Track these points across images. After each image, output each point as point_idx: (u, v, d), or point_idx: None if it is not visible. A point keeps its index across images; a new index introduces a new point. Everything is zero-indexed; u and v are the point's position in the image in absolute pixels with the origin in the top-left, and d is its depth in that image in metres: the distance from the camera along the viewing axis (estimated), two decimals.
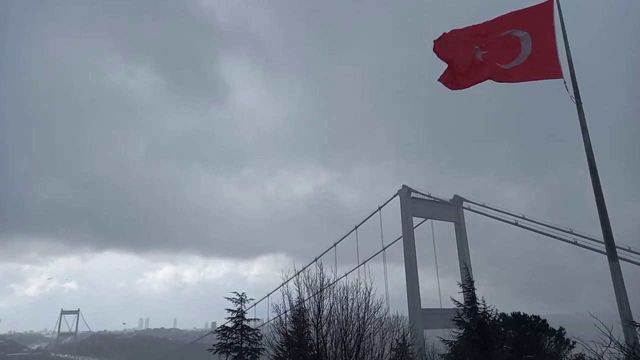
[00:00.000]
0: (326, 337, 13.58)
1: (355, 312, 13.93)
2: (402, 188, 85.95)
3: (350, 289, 14.40)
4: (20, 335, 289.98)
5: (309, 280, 14.54)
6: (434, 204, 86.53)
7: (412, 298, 78.11)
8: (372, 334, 13.96)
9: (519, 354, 30.73)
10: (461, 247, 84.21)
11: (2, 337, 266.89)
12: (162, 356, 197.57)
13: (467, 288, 42.45)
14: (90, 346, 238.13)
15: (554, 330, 39.27)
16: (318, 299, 14.01)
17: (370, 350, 14.01)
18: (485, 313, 40.24)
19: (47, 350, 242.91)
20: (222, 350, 35.22)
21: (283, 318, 15.71)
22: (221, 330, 36.43)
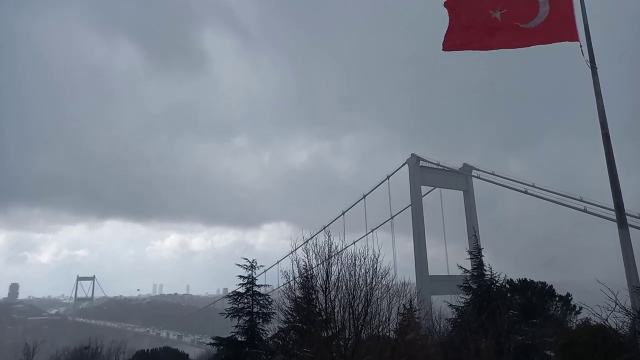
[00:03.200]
0: (334, 302, 13.86)
1: (362, 278, 14.13)
2: (411, 157, 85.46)
3: (358, 255, 14.56)
4: (39, 300, 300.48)
5: (317, 247, 14.68)
6: (443, 173, 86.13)
7: (419, 264, 79.08)
8: (379, 299, 14.21)
9: (525, 319, 31.18)
10: (469, 215, 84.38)
11: (22, 302, 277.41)
12: (176, 320, 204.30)
13: (475, 255, 42.73)
14: (106, 311, 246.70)
15: (561, 296, 39.66)
16: (326, 266, 14.19)
17: (377, 314, 14.27)
18: (492, 279, 40.65)
19: (65, 315, 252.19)
20: (234, 314, 36.10)
21: (292, 284, 15.98)
22: (233, 295, 37.21)
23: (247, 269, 36.93)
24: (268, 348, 32.84)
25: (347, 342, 13.36)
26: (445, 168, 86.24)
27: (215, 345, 37.69)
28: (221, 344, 36.53)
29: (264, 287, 38.17)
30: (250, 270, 36.96)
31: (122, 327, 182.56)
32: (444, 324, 34.98)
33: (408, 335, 18.07)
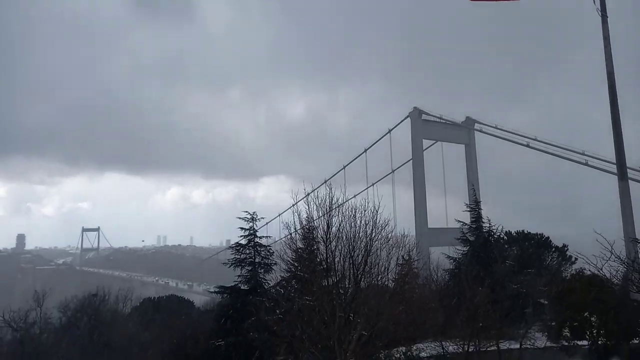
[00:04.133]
0: (335, 252, 14.11)
1: (362, 230, 14.31)
2: (413, 110, 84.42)
3: (359, 208, 14.66)
4: (45, 250, 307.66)
5: (319, 200, 14.77)
6: (445, 126, 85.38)
7: (419, 217, 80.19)
8: (379, 249, 14.45)
9: (521, 270, 31.97)
10: (470, 169, 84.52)
11: (30, 252, 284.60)
12: (181, 270, 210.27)
13: (474, 208, 43.20)
14: (112, 261, 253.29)
15: (557, 247, 40.45)
16: (327, 218, 14.35)
17: (376, 264, 14.59)
18: (490, 231, 41.32)
19: (72, 264, 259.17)
20: (237, 264, 37.02)
21: (294, 235, 16.23)
22: (235, 246, 37.97)
23: (249, 221, 37.57)
24: (270, 296, 33.98)
25: (347, 290, 13.73)
26: (447, 121, 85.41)
27: (219, 294, 39.00)
28: (225, 292, 37.73)
29: (265, 239, 38.99)
30: (251, 223, 37.62)
31: (129, 276, 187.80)
32: (441, 274, 35.93)
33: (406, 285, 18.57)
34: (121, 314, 42.50)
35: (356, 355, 13.11)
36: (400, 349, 20.62)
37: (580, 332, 18.57)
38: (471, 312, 14.77)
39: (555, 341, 19.33)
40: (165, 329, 33.61)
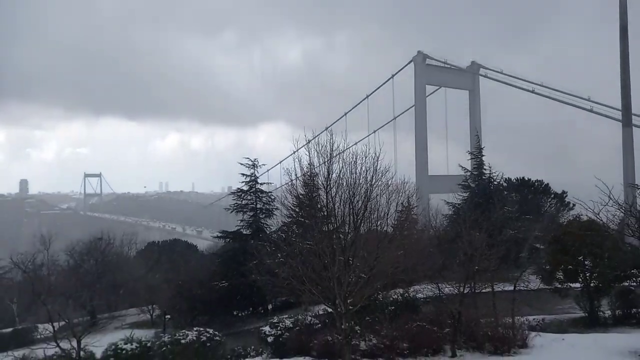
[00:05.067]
0: (335, 198, 14.17)
1: (363, 176, 14.28)
2: (417, 54, 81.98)
3: (359, 154, 14.55)
4: (49, 195, 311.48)
5: (320, 146, 14.63)
6: (449, 72, 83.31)
7: (420, 164, 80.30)
8: (378, 195, 14.51)
9: (519, 215, 32.43)
10: (473, 115, 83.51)
11: (33, 197, 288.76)
12: (184, 215, 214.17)
13: (476, 155, 43.13)
14: (116, 206, 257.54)
15: (556, 193, 40.82)
16: (328, 164, 14.28)
17: (376, 210, 14.71)
18: (491, 178, 41.54)
19: (76, 209, 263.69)
20: (239, 210, 37.65)
21: (295, 182, 16.24)
22: (236, 192, 38.43)
23: (250, 167, 37.76)
24: (271, 241, 34.77)
25: (346, 235, 13.94)
26: (452, 66, 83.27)
27: (222, 238, 39.94)
28: (227, 236, 38.65)
29: (266, 185, 39.36)
30: (252, 169, 37.83)
31: (135, 222, 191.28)
32: (440, 219, 36.54)
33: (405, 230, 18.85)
34: (127, 257, 43.76)
35: (355, 296, 13.58)
36: (398, 291, 21.36)
37: (573, 275, 19.16)
38: (468, 256, 15.11)
39: (549, 284, 20.01)
40: (170, 271, 34.73)
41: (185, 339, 16.73)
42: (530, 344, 14.66)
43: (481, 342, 14.56)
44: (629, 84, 36.87)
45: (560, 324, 19.54)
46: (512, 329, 14.94)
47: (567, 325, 19.25)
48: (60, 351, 15.95)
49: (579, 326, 18.90)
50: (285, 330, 17.90)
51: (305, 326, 17.86)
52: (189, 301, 31.01)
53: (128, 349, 16.06)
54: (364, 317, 17.62)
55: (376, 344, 14.48)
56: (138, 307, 37.11)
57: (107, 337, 17.52)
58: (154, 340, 17.45)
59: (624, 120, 37.67)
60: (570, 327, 18.83)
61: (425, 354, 14.31)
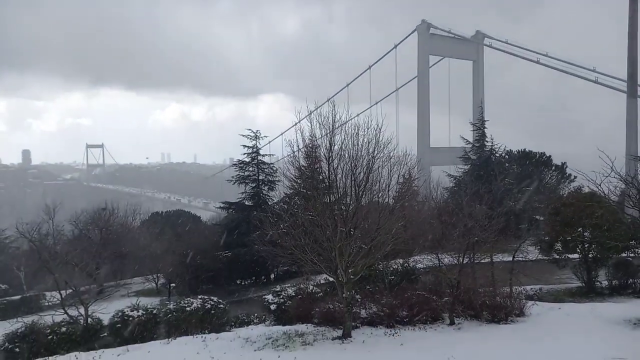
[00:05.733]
0: (337, 170, 14.19)
1: (365, 148, 14.26)
2: (421, 23, 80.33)
3: (362, 126, 14.47)
4: (52, 166, 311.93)
5: (322, 118, 14.54)
6: (453, 41, 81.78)
7: (421, 136, 79.96)
8: (380, 167, 14.53)
9: (520, 187, 32.56)
10: (477, 87, 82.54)
11: (36, 167, 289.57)
12: (186, 186, 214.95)
13: (478, 127, 42.92)
14: (118, 177, 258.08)
15: (557, 165, 40.81)
16: (330, 136, 14.23)
17: (378, 182, 14.75)
18: (492, 150, 41.48)
19: (79, 180, 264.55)
20: (241, 181, 37.83)
21: (297, 154, 16.21)
22: (238, 164, 38.51)
23: (252, 139, 37.68)
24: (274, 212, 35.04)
25: (348, 206, 14.05)
26: (456, 36, 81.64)
27: (225, 209, 40.29)
28: (230, 207, 38.99)
29: (268, 157, 39.37)
30: (254, 141, 37.76)
31: (139, 192, 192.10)
32: (441, 191, 36.72)
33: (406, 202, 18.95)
34: (131, 227, 44.25)
35: (355, 265, 13.83)
36: (398, 261, 21.71)
37: (572, 246, 19.40)
38: (467, 228, 15.27)
39: (547, 255, 20.28)
40: (174, 241, 35.23)
41: (190, 307, 17.14)
42: (527, 313, 14.99)
43: (479, 311, 14.89)
44: (636, 52, 36.08)
45: (557, 294, 19.93)
46: (509, 298, 15.24)
47: (564, 295, 19.64)
48: (69, 318, 16.38)
49: (575, 296, 19.28)
50: (287, 298, 18.32)
51: (307, 295, 18.27)
52: (193, 270, 31.60)
53: (135, 315, 16.47)
54: (365, 286, 18.00)
55: (376, 312, 14.82)
56: (143, 276, 37.85)
57: (114, 305, 17.96)
58: (160, 307, 17.86)
59: (628, 91, 37.07)
60: (567, 297, 19.22)
61: (424, 321, 14.66)
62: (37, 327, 15.85)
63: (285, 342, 13.21)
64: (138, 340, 15.64)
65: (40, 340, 15.48)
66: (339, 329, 14.10)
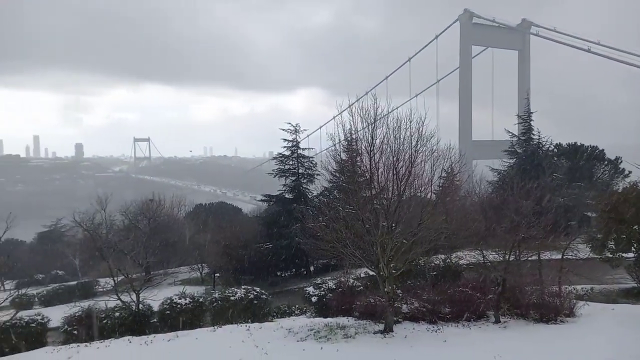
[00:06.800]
0: (378, 163, 14.13)
1: (407, 141, 14.10)
2: (464, 12, 78.02)
3: (404, 119, 14.31)
4: (102, 159, 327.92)
5: (363, 111, 14.49)
6: (497, 31, 78.93)
7: (463, 129, 77.96)
8: (423, 161, 14.33)
9: (570, 182, 31.18)
10: (522, 77, 79.45)
11: (89, 160, 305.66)
12: (228, 178, 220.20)
13: (524, 119, 41.37)
14: (163, 169, 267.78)
15: (610, 160, 38.77)
16: (371, 129, 14.18)
17: (420, 176, 14.57)
18: (540, 144, 39.88)
19: (128, 172, 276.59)
20: (281, 174, 38.31)
21: (337, 147, 16.26)
22: (279, 157, 39.00)
23: (291, 132, 38.05)
24: (313, 205, 35.36)
25: (389, 200, 13.97)
26: (501, 25, 78.81)
27: (266, 202, 41.01)
28: (271, 200, 39.63)
29: (307, 150, 39.65)
30: (294, 134, 38.12)
31: (185, 185, 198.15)
32: (484, 186, 35.72)
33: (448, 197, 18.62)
34: (176, 218, 45.90)
35: (397, 260, 13.78)
36: (440, 257, 21.41)
37: (627, 245, 18.44)
38: (514, 224, 14.83)
39: (599, 253, 19.37)
40: (217, 232, 36.25)
41: (234, 296, 17.66)
42: (577, 313, 14.46)
43: (526, 310, 14.50)
44: None
45: (610, 294, 19.04)
46: (558, 297, 14.74)
47: (617, 295, 18.74)
48: (121, 303, 17.27)
49: (630, 297, 18.36)
50: (328, 291, 18.51)
51: (347, 288, 18.38)
52: (235, 261, 32.43)
53: (182, 303, 17.17)
54: (406, 281, 17.91)
55: (418, 307, 14.73)
56: (188, 265, 39.22)
57: (162, 292, 18.71)
58: (205, 296, 18.52)
59: None
60: (620, 298, 18.34)
61: (467, 319, 14.43)
62: (93, 312, 16.82)
63: (327, 334, 13.37)
64: (186, 327, 16.31)
65: (95, 324, 16.43)
66: (380, 323, 14.13)
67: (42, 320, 16.78)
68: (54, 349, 14.01)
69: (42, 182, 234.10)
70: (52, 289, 33.12)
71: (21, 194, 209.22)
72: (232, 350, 12.20)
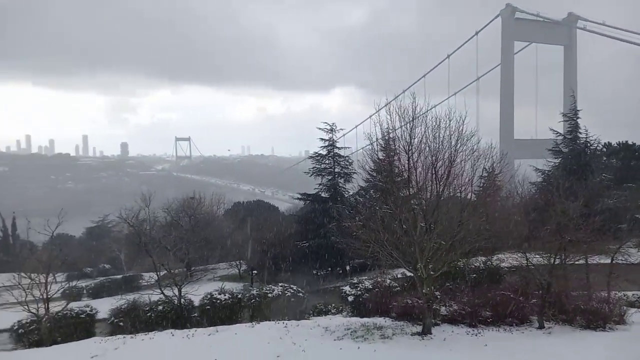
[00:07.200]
0: (417, 163, 13.96)
1: (447, 140, 13.85)
2: (506, 7, 75.59)
3: (443, 118, 14.07)
4: (146, 157, 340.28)
5: (401, 109, 14.35)
6: (542, 25, 75.98)
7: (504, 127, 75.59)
8: (463, 160, 14.04)
9: (620, 183, 29.63)
10: (568, 74, 76.16)
11: (133, 159, 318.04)
12: (265, 177, 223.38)
13: (570, 117, 39.69)
14: (203, 168, 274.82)
15: None
16: (410, 128, 14.02)
17: (460, 176, 14.28)
18: (587, 142, 38.14)
19: (169, 170, 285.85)
20: (317, 173, 38.50)
21: (375, 146, 16.19)
22: (315, 156, 39.22)
23: (328, 132, 38.15)
24: (350, 204, 35.33)
25: (427, 201, 13.78)
26: (545, 19, 75.88)
27: (302, 200, 41.33)
28: (307, 199, 39.90)
29: (344, 150, 39.62)
30: (330, 133, 38.20)
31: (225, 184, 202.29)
32: (527, 187, 34.51)
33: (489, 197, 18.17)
34: (216, 215, 46.98)
35: (436, 261, 13.56)
36: (480, 259, 20.89)
37: None
38: (560, 226, 14.27)
39: None
40: (255, 230, 36.87)
41: (272, 294, 17.95)
42: (628, 321, 13.77)
43: (572, 315, 13.94)
44: None
45: None
46: (607, 304, 14.08)
47: None
48: (164, 297, 17.90)
49: None
50: (364, 290, 18.48)
51: (384, 288, 18.27)
52: (272, 258, 32.88)
53: (222, 299, 17.62)
54: (444, 283, 17.60)
55: (457, 310, 14.46)
56: (227, 262, 40.08)
57: (203, 288, 19.24)
58: (244, 292, 18.90)
59: None
60: None
61: (509, 323, 14.03)
62: (137, 305, 17.52)
63: (364, 334, 13.36)
64: (225, 322, 16.71)
65: (140, 317, 17.11)
66: (417, 325, 13.97)
67: (90, 312, 17.65)
68: (101, 340, 14.69)
69: (90, 180, 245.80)
70: (99, 281, 34.69)
71: (71, 191, 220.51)
72: (270, 346, 12.40)
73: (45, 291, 16.47)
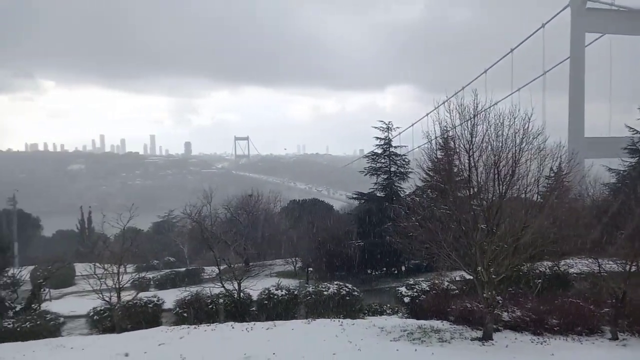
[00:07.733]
0: (478, 162, 13.46)
1: (511, 139, 13.22)
2: None
3: (507, 115, 13.44)
4: (207, 156, 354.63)
5: (461, 107, 13.89)
6: (617, 15, 70.31)
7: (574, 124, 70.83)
8: (528, 160, 13.35)
9: None
10: None
11: (195, 157, 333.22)
12: (320, 176, 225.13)
13: None
14: (261, 166, 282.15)
15: None
16: (471, 126, 13.54)
17: (525, 176, 13.60)
18: None
19: (229, 169, 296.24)
20: (372, 172, 38.23)
21: (433, 145, 15.79)
22: (370, 155, 38.97)
23: (384, 130, 37.73)
24: (406, 204, 34.72)
25: (489, 202, 13.25)
26: (621, 8, 70.25)
27: (357, 199, 41.21)
28: (362, 198, 39.75)
29: (399, 148, 39.03)
30: (386, 132, 37.75)
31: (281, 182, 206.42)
32: (599, 188, 32.25)
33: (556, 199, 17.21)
34: (272, 212, 48.04)
35: (498, 265, 13.03)
36: (546, 263, 19.80)
37: None
38: (637, 231, 13.20)
39: None
40: (310, 228, 37.27)
41: (327, 291, 18.08)
42: None
43: None
44: None
45: None
46: None
47: None
48: (225, 291, 18.59)
49: None
50: (421, 292, 18.15)
51: (442, 290, 17.85)
52: (327, 256, 33.09)
53: (279, 294, 18.02)
54: (507, 288, 16.87)
55: (521, 317, 13.82)
56: (283, 258, 40.88)
57: (260, 283, 19.78)
58: (299, 289, 19.21)
59: None
60: None
61: (578, 332, 13.21)
62: (200, 297, 18.34)
63: (421, 337, 13.13)
64: (281, 317, 17.08)
65: (202, 308, 17.91)
66: (477, 330, 13.51)
67: (157, 302, 18.73)
68: (167, 329, 15.55)
69: (157, 177, 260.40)
70: (165, 274, 36.61)
71: (139, 187, 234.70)
72: (327, 343, 12.53)
73: (118, 281, 17.70)
